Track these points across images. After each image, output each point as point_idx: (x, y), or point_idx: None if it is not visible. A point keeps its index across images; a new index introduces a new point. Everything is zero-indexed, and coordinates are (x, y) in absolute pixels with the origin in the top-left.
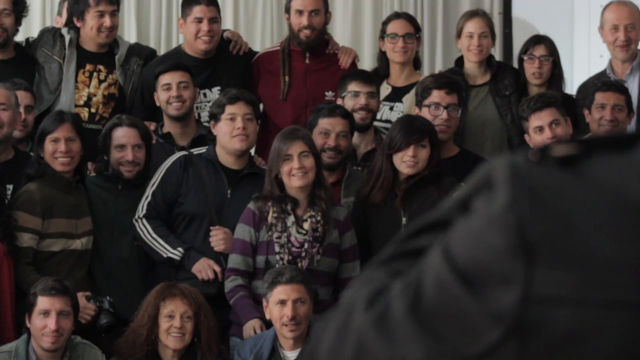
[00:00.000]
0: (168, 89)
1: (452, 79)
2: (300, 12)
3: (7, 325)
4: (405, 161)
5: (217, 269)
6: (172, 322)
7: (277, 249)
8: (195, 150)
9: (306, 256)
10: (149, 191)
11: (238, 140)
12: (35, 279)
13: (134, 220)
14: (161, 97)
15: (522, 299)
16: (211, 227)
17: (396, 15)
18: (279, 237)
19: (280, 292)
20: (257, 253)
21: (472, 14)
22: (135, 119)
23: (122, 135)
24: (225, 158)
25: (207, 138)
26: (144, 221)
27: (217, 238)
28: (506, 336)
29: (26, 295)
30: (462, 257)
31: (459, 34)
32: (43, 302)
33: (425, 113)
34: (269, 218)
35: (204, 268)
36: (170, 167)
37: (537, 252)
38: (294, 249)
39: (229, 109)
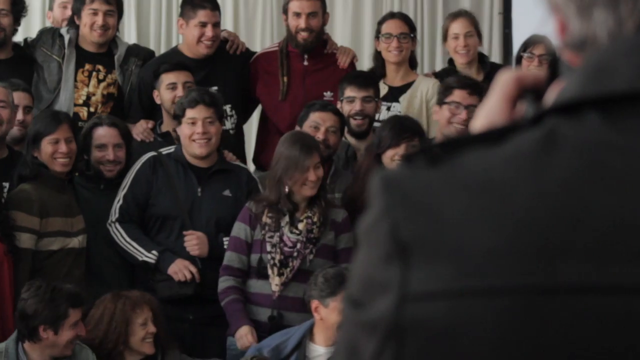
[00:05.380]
0: (174, 88)
1: (475, 81)
2: (297, 15)
3: (8, 325)
4: (396, 160)
5: (193, 269)
6: (147, 328)
7: (268, 248)
8: (164, 150)
9: (298, 256)
10: (121, 194)
11: (198, 145)
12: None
13: (107, 225)
14: (165, 96)
15: (398, 301)
16: (184, 232)
17: (391, 15)
18: (272, 237)
19: (192, 113)
20: (252, 251)
21: (455, 15)
22: (115, 118)
23: (103, 134)
24: (193, 157)
25: (172, 137)
26: (117, 225)
27: (192, 243)
28: (383, 342)
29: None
30: (353, 285)
31: (445, 37)
32: None
33: (445, 111)
34: (264, 217)
35: (180, 269)
36: (140, 168)
37: (412, 252)
38: (286, 249)
39: (189, 113)
